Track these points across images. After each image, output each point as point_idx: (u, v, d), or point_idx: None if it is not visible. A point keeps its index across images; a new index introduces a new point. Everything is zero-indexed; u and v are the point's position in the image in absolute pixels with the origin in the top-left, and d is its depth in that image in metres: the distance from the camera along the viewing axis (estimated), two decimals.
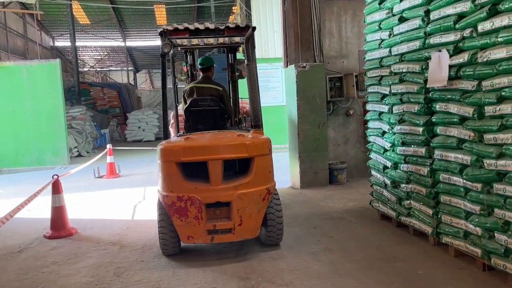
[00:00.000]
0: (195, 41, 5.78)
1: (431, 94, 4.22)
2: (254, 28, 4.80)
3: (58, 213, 5.64)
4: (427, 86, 4.21)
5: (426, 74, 4.22)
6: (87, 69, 38.74)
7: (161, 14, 32.49)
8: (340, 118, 8.22)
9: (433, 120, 4.24)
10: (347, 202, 6.65)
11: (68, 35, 21.50)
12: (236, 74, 6.10)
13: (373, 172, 5.59)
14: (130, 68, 39.73)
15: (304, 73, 7.60)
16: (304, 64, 7.63)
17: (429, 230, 4.43)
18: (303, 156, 7.71)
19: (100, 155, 9.94)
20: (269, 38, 13.81)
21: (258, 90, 4.86)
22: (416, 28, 4.40)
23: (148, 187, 8.86)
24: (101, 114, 21.84)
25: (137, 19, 33.13)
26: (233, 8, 27.26)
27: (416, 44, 4.39)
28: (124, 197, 8.12)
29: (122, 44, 36.62)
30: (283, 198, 7.03)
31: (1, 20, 18.25)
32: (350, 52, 8.23)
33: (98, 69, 40.32)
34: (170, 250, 4.57)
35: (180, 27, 4.83)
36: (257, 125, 4.85)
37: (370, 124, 5.56)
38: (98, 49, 38.50)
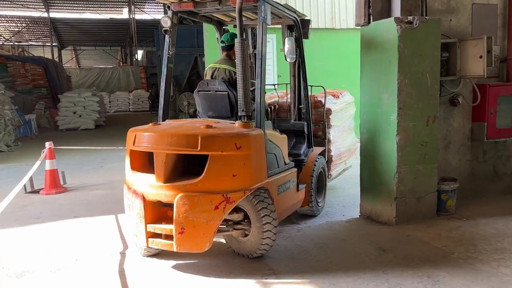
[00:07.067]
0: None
1: None
2: None
3: None
4: None
5: None
6: (0, 43, 32.88)
7: None
8: (442, 109, 5.22)
9: None
10: None
11: None
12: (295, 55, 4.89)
13: None
14: (54, 44, 34.26)
15: (411, 33, 4.51)
16: (411, 18, 4.54)
17: None
18: (403, 172, 4.65)
19: (38, 162, 6.22)
20: None
21: (247, 72, 3.86)
22: None
23: (121, 216, 5.36)
24: (23, 95, 17.36)
25: None
26: None
27: None
28: (86, 239, 4.61)
29: (45, 15, 31.38)
30: (385, 246, 4.01)
31: None
32: (461, 5, 5.23)
33: (15, 43, 34.51)
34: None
35: None
36: (243, 116, 3.87)
37: None
38: (15, 19, 32.91)
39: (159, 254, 4.12)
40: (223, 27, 5.25)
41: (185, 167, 3.84)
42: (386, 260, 3.82)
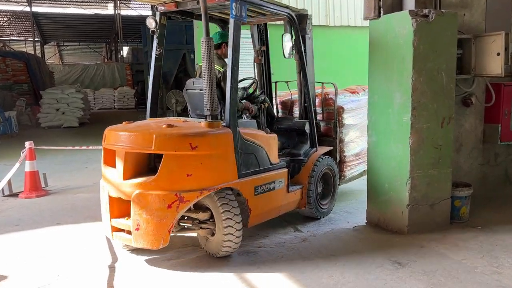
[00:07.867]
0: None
1: None
2: None
3: None
4: None
5: None
6: None
7: None
8: (454, 110, 4.90)
9: None
10: None
11: None
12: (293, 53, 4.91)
13: None
14: (36, 39, 33.29)
15: (426, 27, 4.17)
16: (427, 11, 4.20)
17: None
18: (417, 177, 4.31)
19: (18, 164, 5.73)
20: None
21: (213, 71, 3.76)
22: None
23: None
24: (3, 91, 16.73)
25: None
26: None
27: None
28: (70, 250, 4.18)
29: (27, 9, 30.48)
30: (400, 258, 3.63)
31: None
32: None
33: None
34: None
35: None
36: (208, 115, 3.79)
37: None
38: None
39: (154, 265, 3.75)
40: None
41: (153, 166, 3.84)
42: (405, 276, 3.47)
